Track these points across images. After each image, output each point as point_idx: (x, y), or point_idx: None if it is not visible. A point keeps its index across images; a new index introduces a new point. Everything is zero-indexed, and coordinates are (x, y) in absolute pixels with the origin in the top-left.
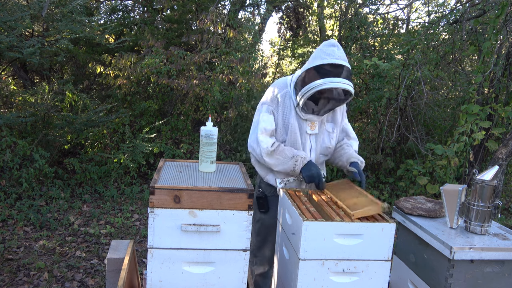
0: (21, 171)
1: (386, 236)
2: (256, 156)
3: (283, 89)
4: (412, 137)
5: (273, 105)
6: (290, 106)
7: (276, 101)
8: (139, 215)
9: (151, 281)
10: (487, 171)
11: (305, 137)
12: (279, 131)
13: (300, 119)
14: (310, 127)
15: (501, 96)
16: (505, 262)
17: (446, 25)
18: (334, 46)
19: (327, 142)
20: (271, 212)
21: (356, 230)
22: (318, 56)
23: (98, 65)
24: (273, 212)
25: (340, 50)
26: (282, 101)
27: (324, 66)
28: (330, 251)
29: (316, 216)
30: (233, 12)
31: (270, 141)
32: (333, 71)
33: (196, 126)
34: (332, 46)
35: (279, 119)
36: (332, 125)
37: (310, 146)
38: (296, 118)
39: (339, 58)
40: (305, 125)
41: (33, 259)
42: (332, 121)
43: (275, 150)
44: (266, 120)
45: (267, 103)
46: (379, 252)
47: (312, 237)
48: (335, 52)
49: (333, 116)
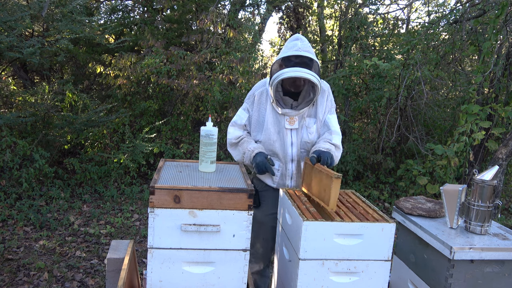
0: (21, 171)
1: (386, 236)
2: None
3: (260, 87)
4: (412, 137)
5: (249, 103)
6: (266, 102)
7: (252, 99)
8: (139, 215)
9: (151, 281)
10: (487, 171)
11: (284, 132)
12: (253, 128)
13: (278, 114)
14: (289, 122)
15: (501, 96)
16: (505, 262)
17: (446, 25)
18: (297, 40)
19: (306, 137)
20: (262, 207)
21: (356, 230)
22: (282, 51)
23: (98, 65)
24: (264, 207)
25: (303, 42)
26: (258, 98)
27: (286, 58)
28: (330, 251)
29: (316, 216)
30: (233, 12)
31: (236, 134)
32: (294, 60)
33: (196, 126)
34: (295, 40)
35: (253, 116)
36: (313, 120)
37: (291, 141)
38: (272, 114)
39: (299, 50)
40: (284, 120)
41: (33, 259)
42: (314, 116)
43: (237, 142)
44: (239, 115)
45: (245, 101)
46: (379, 252)
47: (312, 237)
48: (297, 44)
49: (315, 111)
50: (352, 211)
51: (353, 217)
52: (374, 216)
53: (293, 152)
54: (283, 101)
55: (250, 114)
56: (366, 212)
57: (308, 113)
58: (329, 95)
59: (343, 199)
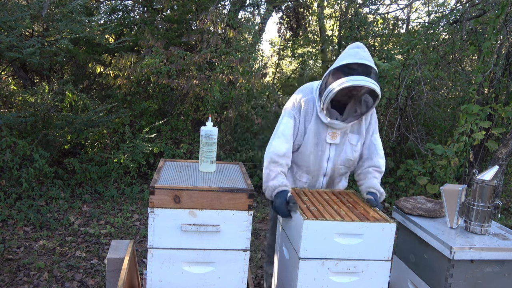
0: (21, 171)
1: (386, 236)
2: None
3: (307, 95)
4: (412, 137)
5: (295, 110)
6: (312, 111)
7: (299, 107)
8: (139, 215)
9: (151, 281)
10: (487, 171)
11: (324, 146)
12: (299, 136)
13: (321, 126)
14: (330, 136)
15: (501, 96)
16: (505, 262)
17: (446, 25)
18: (358, 48)
19: (349, 154)
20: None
21: (356, 229)
22: (342, 58)
23: (98, 65)
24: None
25: (365, 51)
26: (305, 106)
27: (348, 65)
28: (331, 251)
29: (317, 215)
30: (233, 12)
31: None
32: (357, 69)
33: (196, 126)
34: (356, 48)
35: (300, 124)
36: (356, 137)
37: (328, 155)
38: (316, 125)
39: (363, 58)
40: (326, 133)
41: (33, 259)
42: (357, 132)
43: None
44: (285, 123)
45: (289, 108)
46: (379, 252)
47: (313, 236)
48: (359, 53)
49: (358, 127)
50: (352, 211)
51: (354, 217)
52: (374, 216)
53: (328, 167)
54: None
55: (296, 122)
56: (366, 212)
57: (351, 129)
58: (373, 113)
59: (343, 199)
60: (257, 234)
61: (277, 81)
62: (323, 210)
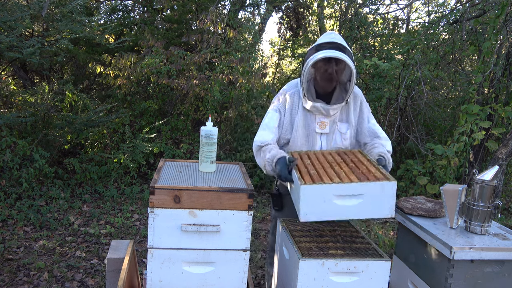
0: (21, 171)
1: (386, 194)
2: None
3: (292, 89)
4: (412, 137)
5: (280, 104)
6: (298, 104)
7: (284, 100)
8: (139, 215)
9: (151, 281)
10: (487, 171)
11: (314, 136)
12: (285, 129)
13: (309, 117)
14: (319, 126)
15: (501, 96)
16: (505, 262)
17: (446, 25)
18: (331, 34)
19: (339, 143)
20: (285, 211)
21: (355, 190)
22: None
23: (98, 65)
24: (287, 211)
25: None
26: (290, 99)
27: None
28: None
29: (315, 179)
30: (233, 12)
31: (265, 138)
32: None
33: (196, 126)
34: (329, 34)
35: (286, 117)
36: (346, 125)
37: (320, 145)
38: (303, 117)
39: (334, 39)
40: (314, 123)
41: (33, 259)
42: (346, 121)
43: (263, 147)
44: (270, 116)
45: (275, 103)
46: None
47: (311, 200)
48: (331, 35)
49: (347, 116)
50: (354, 171)
51: (354, 177)
52: (376, 175)
53: None
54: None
55: (282, 115)
56: (368, 171)
57: (340, 117)
58: (362, 101)
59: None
60: (257, 234)
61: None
62: (323, 173)
